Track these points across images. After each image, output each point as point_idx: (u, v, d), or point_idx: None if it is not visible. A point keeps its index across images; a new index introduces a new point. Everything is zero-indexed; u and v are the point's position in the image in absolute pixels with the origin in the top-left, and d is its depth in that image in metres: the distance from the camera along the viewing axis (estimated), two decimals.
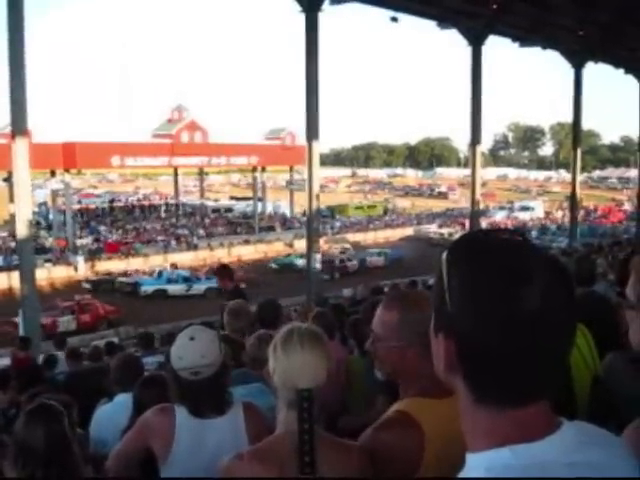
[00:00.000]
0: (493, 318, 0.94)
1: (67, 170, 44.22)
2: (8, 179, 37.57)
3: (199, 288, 36.21)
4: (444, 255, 1.01)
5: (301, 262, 37.46)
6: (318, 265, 27.51)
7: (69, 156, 42.83)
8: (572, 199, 41.44)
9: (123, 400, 4.08)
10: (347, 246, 49.45)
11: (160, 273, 38.67)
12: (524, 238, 1.01)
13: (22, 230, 19.56)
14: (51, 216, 47.75)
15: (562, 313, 0.96)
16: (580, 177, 44.18)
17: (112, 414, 4.10)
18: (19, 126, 19.10)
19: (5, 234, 44.58)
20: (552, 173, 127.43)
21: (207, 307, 30.27)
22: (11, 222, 35.44)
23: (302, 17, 24.83)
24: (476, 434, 1.00)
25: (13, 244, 35.77)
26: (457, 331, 0.98)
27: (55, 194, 45.92)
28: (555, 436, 0.97)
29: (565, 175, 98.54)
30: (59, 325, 28.27)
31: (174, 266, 41.41)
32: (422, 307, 1.91)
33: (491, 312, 0.94)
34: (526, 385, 0.96)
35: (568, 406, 2.52)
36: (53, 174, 44.38)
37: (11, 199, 32.33)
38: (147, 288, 36.48)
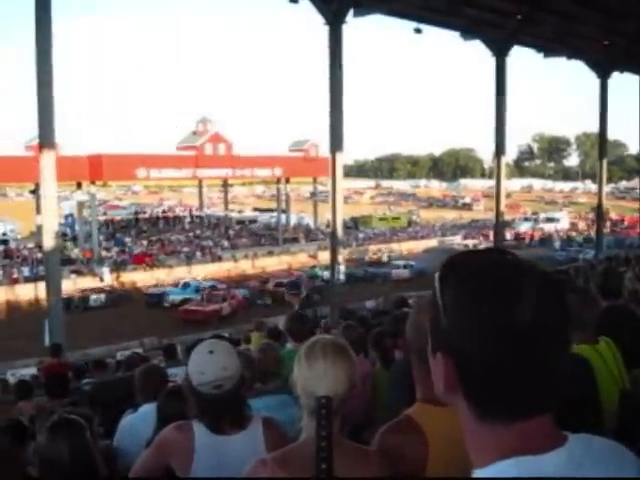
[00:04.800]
0: (487, 332, 0.94)
1: (93, 182, 44.76)
2: (35, 191, 38.03)
3: None
4: (437, 274, 1.03)
5: (325, 274, 37.63)
6: (342, 277, 27.51)
7: (95, 168, 43.35)
8: (598, 210, 41.05)
9: (147, 410, 4.08)
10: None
11: (186, 284, 39.10)
12: (515, 255, 1.02)
13: (48, 241, 19.77)
14: (77, 227, 48.28)
15: (555, 325, 0.96)
16: (606, 188, 43.84)
17: (136, 424, 4.12)
18: (46, 139, 19.34)
19: (32, 245, 45.11)
20: (578, 184, 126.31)
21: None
22: (38, 233, 35.80)
23: (326, 29, 24.94)
24: (480, 450, 1.00)
25: (39, 255, 36.17)
26: (453, 348, 0.98)
27: (81, 206, 46.43)
28: (561, 450, 0.97)
29: (591, 186, 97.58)
30: (223, 310, 34.10)
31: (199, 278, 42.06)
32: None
33: (484, 326, 0.94)
34: (527, 398, 0.96)
35: (594, 420, 2.50)
36: (79, 186, 44.90)
37: (38, 211, 32.68)
38: (174, 298, 37.09)
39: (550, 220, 72.61)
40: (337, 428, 2.03)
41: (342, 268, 27.45)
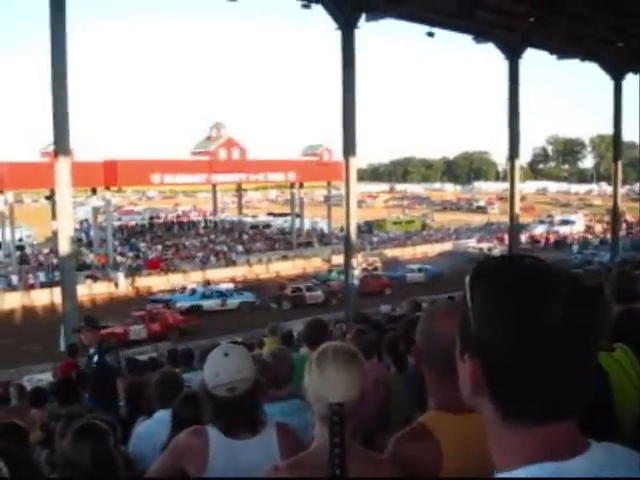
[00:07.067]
0: (516, 335, 0.95)
1: (108, 187, 44.98)
2: (51, 197, 38.29)
3: (233, 302, 37.19)
4: (468, 277, 1.04)
5: (340, 277, 37.77)
6: (356, 281, 27.50)
7: (110, 174, 43.56)
8: (614, 212, 40.83)
9: (163, 416, 4.11)
10: (375, 260, 49.41)
11: (193, 290, 38.86)
12: (545, 261, 1.04)
13: (64, 247, 19.91)
14: (92, 233, 48.51)
15: (584, 330, 0.97)
16: (622, 190, 43.52)
17: (151, 430, 4.14)
18: (61, 145, 19.50)
19: (47, 251, 45.40)
20: (593, 186, 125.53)
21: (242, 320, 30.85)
22: (53, 239, 36.05)
23: (339, 34, 25.00)
24: (504, 454, 1.01)
25: (55, 260, 36.40)
26: (482, 350, 0.99)
27: (96, 211, 46.69)
28: (584, 456, 0.97)
29: (606, 188, 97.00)
30: (130, 333, 29.24)
31: (207, 283, 42.13)
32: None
33: (514, 329, 0.95)
34: (552, 403, 0.97)
35: (610, 428, 2.48)
36: (94, 191, 45.13)
37: (53, 216, 32.90)
38: (182, 304, 36.68)
39: (565, 222, 72.21)
40: (349, 434, 2.04)
41: (356, 272, 27.42)
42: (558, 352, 0.95)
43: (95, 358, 7.49)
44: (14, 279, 40.61)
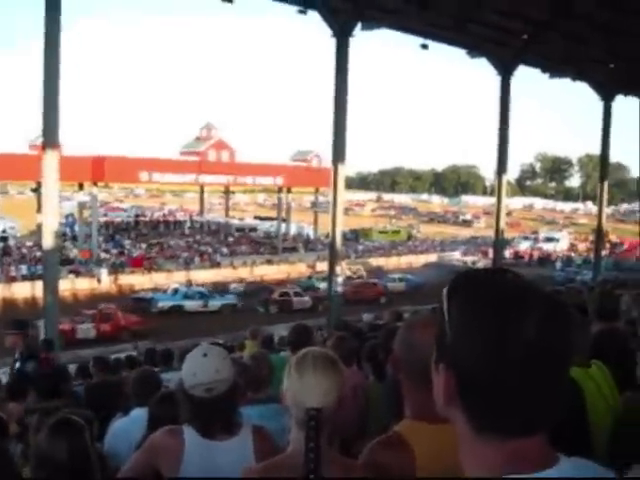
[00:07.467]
0: (490, 349, 0.96)
1: (95, 183, 44.78)
2: (37, 189, 38.06)
3: (215, 304, 36.98)
4: (445, 289, 1.05)
5: (322, 285, 37.74)
6: (340, 288, 27.50)
7: (98, 169, 43.42)
8: (598, 232, 41.06)
9: (139, 414, 4.10)
10: (359, 268, 49.49)
11: (176, 290, 38.61)
12: (522, 276, 1.05)
13: (48, 240, 19.77)
14: (77, 228, 48.25)
15: (558, 346, 0.98)
16: (607, 210, 43.84)
17: (127, 428, 4.13)
18: (50, 138, 19.38)
19: (30, 243, 45.10)
20: (579, 205, 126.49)
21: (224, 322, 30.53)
22: (38, 232, 35.85)
23: (333, 41, 25.05)
24: (475, 465, 1.01)
25: (38, 254, 36.16)
26: (456, 362, 1.00)
27: (82, 206, 46.45)
28: (553, 470, 0.98)
29: (592, 207, 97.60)
30: (78, 332, 28.50)
31: (189, 283, 41.94)
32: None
33: (488, 343, 0.96)
34: (524, 416, 0.98)
35: (583, 442, 2.50)
36: (81, 187, 44.93)
37: (39, 209, 32.70)
38: (164, 304, 36.50)
39: (550, 240, 72.68)
40: (325, 440, 2.05)
41: (340, 280, 27.42)
42: (531, 367, 0.95)
43: (17, 364, 7.05)
44: None
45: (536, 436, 0.99)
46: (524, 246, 68.73)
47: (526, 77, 36.54)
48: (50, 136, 19.36)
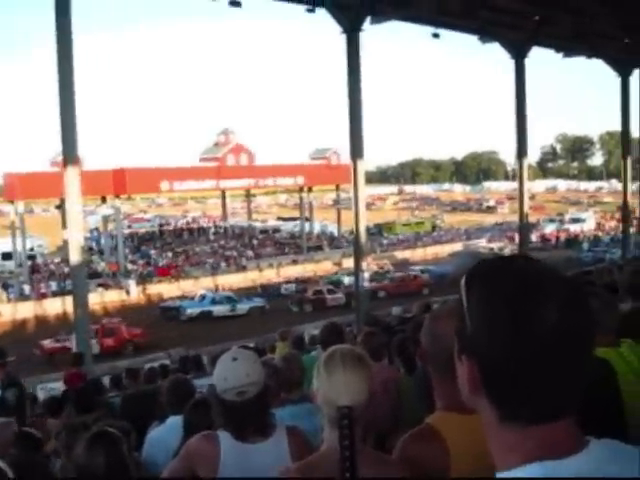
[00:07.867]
0: (510, 337, 0.96)
1: (117, 196, 45.19)
2: (61, 206, 38.45)
3: (243, 308, 37.20)
4: (463, 279, 1.05)
5: (348, 280, 37.79)
6: (367, 283, 27.48)
7: (119, 182, 43.82)
8: (624, 209, 40.58)
9: (174, 422, 4.13)
10: (386, 262, 49.44)
11: (203, 296, 38.93)
12: (539, 261, 1.05)
13: (75, 256, 19.96)
14: (103, 241, 48.74)
15: (579, 329, 0.98)
16: (632, 186, 43.26)
17: (164, 436, 4.17)
18: (70, 154, 19.54)
19: (58, 260, 45.61)
20: (603, 183, 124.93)
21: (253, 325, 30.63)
22: (64, 248, 36.23)
23: (344, 37, 24.98)
24: (503, 453, 1.01)
25: (66, 269, 36.56)
26: (478, 351, 1.00)
27: (106, 219, 46.90)
28: (582, 454, 0.98)
29: (617, 185, 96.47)
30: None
31: (216, 288, 42.47)
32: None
33: (508, 331, 0.96)
34: (549, 401, 0.98)
35: (617, 424, 2.48)
36: (104, 200, 45.33)
37: (64, 225, 33.05)
38: (192, 311, 36.75)
39: (576, 221, 71.83)
40: (359, 437, 2.05)
41: (366, 275, 27.39)
42: (552, 354, 0.95)
43: None
44: (26, 289, 40.85)
45: (562, 421, 0.99)
46: (550, 229, 68.01)
47: (541, 59, 36.24)
48: (69, 152, 19.53)
